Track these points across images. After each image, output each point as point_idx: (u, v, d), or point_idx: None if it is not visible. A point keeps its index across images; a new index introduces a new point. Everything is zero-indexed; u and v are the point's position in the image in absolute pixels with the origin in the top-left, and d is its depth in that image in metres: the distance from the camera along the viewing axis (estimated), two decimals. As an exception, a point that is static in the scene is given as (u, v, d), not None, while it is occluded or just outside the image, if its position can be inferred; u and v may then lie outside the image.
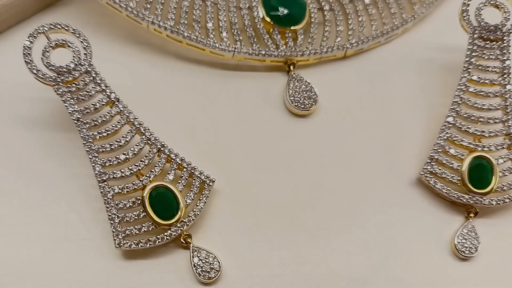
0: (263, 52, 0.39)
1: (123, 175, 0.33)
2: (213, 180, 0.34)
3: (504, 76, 0.36)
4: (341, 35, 0.40)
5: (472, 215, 0.34)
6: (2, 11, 0.39)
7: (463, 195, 0.34)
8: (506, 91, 0.36)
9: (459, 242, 0.34)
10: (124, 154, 0.33)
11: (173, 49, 0.40)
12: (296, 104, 0.38)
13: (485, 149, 0.35)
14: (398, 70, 0.40)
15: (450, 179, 0.35)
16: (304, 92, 0.38)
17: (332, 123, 0.38)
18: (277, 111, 0.39)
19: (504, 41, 0.36)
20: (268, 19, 0.39)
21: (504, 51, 0.36)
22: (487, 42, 0.36)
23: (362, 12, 0.41)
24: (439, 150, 0.35)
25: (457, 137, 0.35)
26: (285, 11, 0.39)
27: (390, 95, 0.39)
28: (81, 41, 0.34)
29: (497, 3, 0.37)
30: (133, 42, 0.40)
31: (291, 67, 0.39)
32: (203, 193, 0.33)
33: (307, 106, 0.38)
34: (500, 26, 0.36)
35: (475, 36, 0.37)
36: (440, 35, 0.42)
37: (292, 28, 0.39)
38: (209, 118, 0.38)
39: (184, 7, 0.39)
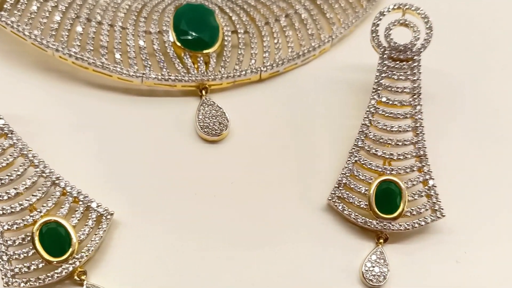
0: (173, 78, 0.37)
1: (13, 210, 0.31)
2: (112, 213, 0.32)
3: (415, 96, 0.34)
4: (255, 57, 0.38)
5: (381, 240, 0.33)
6: None
7: (371, 220, 0.32)
8: (416, 112, 0.34)
9: (367, 270, 0.32)
10: (15, 188, 0.31)
11: (83, 76, 0.38)
12: (205, 130, 0.36)
13: (394, 172, 0.33)
14: (314, 92, 0.39)
15: (358, 204, 0.33)
16: (214, 118, 0.36)
17: (244, 149, 0.36)
18: (188, 137, 0.36)
19: (415, 61, 0.35)
20: (179, 44, 0.38)
21: (414, 71, 0.35)
22: (397, 62, 0.35)
23: (279, 34, 0.39)
24: (347, 174, 0.33)
25: (366, 160, 0.34)
26: (196, 35, 0.38)
27: (305, 118, 0.37)
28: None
29: (406, 22, 0.35)
30: (43, 69, 0.38)
31: (203, 92, 0.38)
32: (99, 227, 0.31)
33: (217, 131, 0.36)
34: (410, 46, 0.35)
35: (385, 56, 0.35)
36: (358, 55, 0.40)
37: (204, 51, 0.38)
38: (117, 146, 0.36)
39: (91, 33, 0.37)
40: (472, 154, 0.36)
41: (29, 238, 0.30)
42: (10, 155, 0.32)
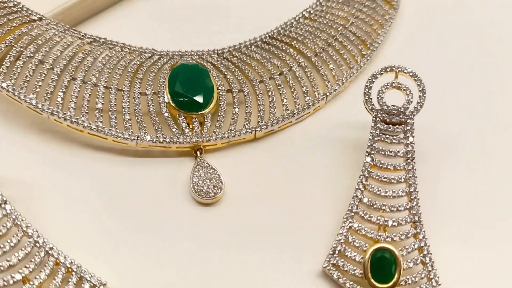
0: (168, 140, 0.36)
1: (5, 284, 0.30)
2: (104, 283, 0.31)
3: (408, 160, 0.34)
4: (250, 117, 0.38)
5: (377, 309, 0.33)
6: None
7: None
8: (410, 176, 0.34)
9: None
10: (7, 260, 0.31)
11: (79, 137, 0.37)
12: (199, 193, 0.35)
13: (388, 239, 0.32)
14: (309, 150, 0.38)
15: (353, 272, 0.32)
16: (209, 180, 0.36)
17: (238, 211, 0.35)
18: (183, 200, 0.36)
19: (408, 124, 0.34)
20: (173, 105, 0.37)
21: (407, 134, 0.34)
22: (390, 125, 0.35)
23: (273, 92, 0.39)
24: (342, 241, 0.33)
25: (360, 226, 0.33)
26: (190, 97, 0.37)
27: (300, 178, 0.37)
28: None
29: (399, 85, 0.35)
30: (39, 130, 0.38)
31: (198, 153, 0.37)
32: (91, 298, 0.31)
33: (211, 195, 0.35)
34: (402, 109, 0.35)
35: (378, 119, 0.35)
36: (352, 111, 0.39)
37: (199, 113, 0.37)
38: (112, 209, 0.35)
39: (86, 95, 0.37)
40: (468, 215, 0.36)
41: (21, 312, 0.30)
42: (3, 226, 0.31)
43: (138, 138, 0.36)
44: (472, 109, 0.40)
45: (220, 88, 0.39)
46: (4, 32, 0.38)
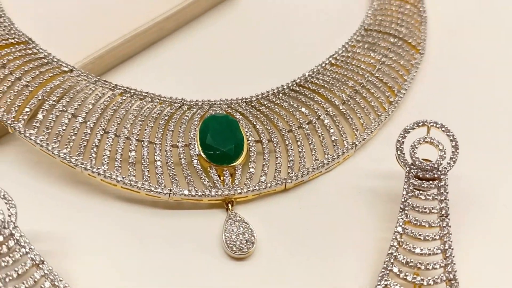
0: (200, 193, 0.36)
1: None
2: None
3: (443, 217, 0.34)
4: (280, 168, 0.38)
5: None
6: None
7: None
8: (445, 234, 0.33)
9: None
10: (46, 323, 0.31)
11: (111, 189, 0.37)
12: (232, 248, 0.35)
13: (424, 298, 0.33)
14: (339, 201, 0.37)
15: (389, 333, 0.32)
16: (241, 235, 0.35)
17: (270, 266, 0.35)
18: (214, 253, 0.35)
19: (441, 180, 0.34)
20: (204, 157, 0.37)
21: (441, 191, 0.34)
22: (424, 181, 0.35)
23: (303, 142, 0.39)
24: (378, 300, 0.33)
25: (396, 285, 0.33)
26: (222, 150, 0.37)
27: (331, 230, 0.36)
28: (6, 202, 0.32)
29: (432, 140, 0.35)
30: (71, 182, 0.38)
31: (229, 205, 0.37)
32: None
33: (244, 250, 0.35)
34: (436, 165, 0.34)
35: (411, 175, 0.35)
36: (381, 160, 0.39)
37: (230, 165, 0.37)
38: (143, 262, 0.35)
39: (119, 149, 0.37)
40: (504, 272, 0.35)
41: None
42: (41, 287, 0.31)
43: (171, 192, 0.36)
44: (504, 157, 0.40)
45: (250, 139, 0.38)
46: (36, 85, 0.38)
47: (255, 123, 0.39)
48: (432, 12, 0.48)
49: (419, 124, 0.35)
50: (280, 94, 0.41)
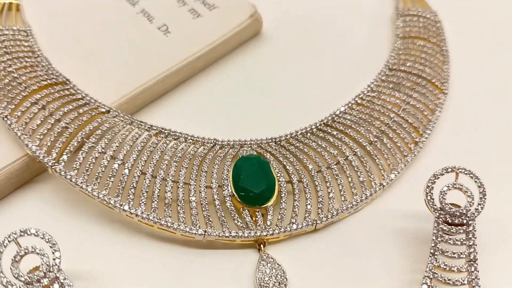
0: (233, 234, 0.37)
1: None
2: None
3: (471, 262, 0.34)
4: (310, 209, 0.38)
5: None
6: None
7: None
8: (473, 279, 0.34)
9: None
10: None
11: (146, 228, 0.38)
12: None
13: None
14: (368, 241, 0.38)
15: None
16: (274, 277, 0.36)
17: None
18: (247, 293, 0.37)
19: (470, 226, 0.35)
20: (237, 198, 0.38)
21: (469, 236, 0.34)
22: (453, 226, 0.35)
23: (331, 182, 0.40)
24: None
25: (426, 329, 0.34)
26: (254, 191, 0.38)
27: (361, 271, 0.37)
28: (51, 246, 0.33)
29: (460, 186, 0.35)
30: (108, 221, 0.39)
31: (262, 246, 0.37)
32: None
33: (277, 289, 0.37)
34: (464, 211, 0.35)
35: (440, 220, 0.35)
36: (408, 201, 0.40)
37: (262, 206, 0.38)
38: None
39: (156, 190, 0.38)
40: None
41: None
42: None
43: (206, 233, 0.37)
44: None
45: (280, 179, 0.39)
46: (75, 127, 0.40)
47: (285, 163, 0.40)
48: (455, 51, 0.49)
49: (448, 170, 0.35)
50: (308, 134, 0.42)
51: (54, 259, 0.32)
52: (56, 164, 0.38)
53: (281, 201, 0.39)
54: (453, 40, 0.50)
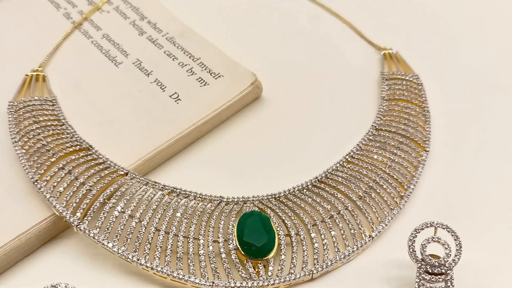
0: (238, 285, 0.40)
1: None
2: None
3: (450, 307, 0.39)
4: (307, 260, 0.42)
5: None
6: (11, 253, 0.41)
7: None
8: (452, 323, 0.38)
9: None
10: None
11: (160, 280, 0.42)
12: (267, 334, 0.40)
13: None
14: (360, 288, 0.43)
15: None
16: (275, 324, 0.40)
17: None
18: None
19: (448, 275, 0.39)
20: (242, 251, 0.42)
21: (448, 284, 0.38)
22: (433, 275, 0.39)
23: (325, 235, 0.43)
24: None
25: None
26: (257, 245, 0.42)
27: None
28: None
29: (438, 240, 0.39)
30: (125, 273, 0.42)
31: (264, 297, 0.42)
32: None
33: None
34: (443, 262, 0.39)
35: (421, 270, 0.39)
36: (394, 251, 0.43)
37: (264, 258, 0.42)
38: None
39: (169, 245, 0.42)
40: None
41: None
42: None
43: (213, 284, 0.41)
44: (505, 244, 0.44)
45: (280, 233, 0.43)
46: (98, 189, 0.44)
47: (284, 218, 0.44)
48: (436, 111, 0.54)
49: (428, 225, 0.39)
50: (305, 190, 0.46)
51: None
52: (80, 223, 0.42)
53: (281, 253, 0.42)
54: (434, 100, 0.54)
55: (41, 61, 0.54)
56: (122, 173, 0.45)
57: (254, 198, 0.45)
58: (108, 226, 0.42)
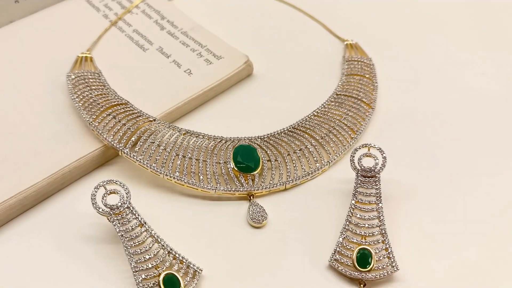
0: (233, 189, 0.59)
1: (147, 267, 0.51)
2: (201, 269, 0.52)
3: (377, 198, 0.55)
4: (282, 176, 0.60)
5: (362, 286, 0.52)
6: (74, 170, 0.60)
7: (355, 273, 0.52)
8: (378, 207, 0.55)
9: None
10: (148, 255, 0.52)
11: (178, 188, 0.60)
12: (253, 220, 0.57)
13: (367, 244, 0.53)
14: (320, 197, 0.58)
15: (347, 263, 0.52)
16: (259, 213, 0.57)
17: (276, 233, 0.56)
18: (241, 226, 0.57)
19: (376, 177, 0.56)
20: (236, 169, 0.60)
21: (376, 183, 0.56)
22: (366, 178, 0.56)
23: (296, 161, 0.62)
24: (340, 246, 0.53)
25: (350, 237, 0.54)
26: (247, 164, 0.60)
27: (315, 212, 0.58)
28: (124, 190, 0.54)
29: (370, 154, 0.57)
30: (154, 186, 0.60)
31: (251, 198, 0.59)
32: (194, 278, 0.52)
33: (260, 220, 0.57)
34: (373, 168, 0.56)
35: (359, 175, 0.56)
36: (344, 172, 0.61)
37: (252, 173, 0.60)
38: (194, 234, 0.56)
39: (186, 164, 0.60)
40: (418, 230, 0.56)
41: (157, 283, 0.50)
42: (144, 236, 0.53)
43: (216, 188, 0.58)
44: (424, 167, 0.62)
45: (263, 159, 0.61)
46: (135, 128, 0.62)
47: (266, 150, 0.62)
48: (382, 83, 0.72)
49: (363, 146, 0.56)
50: (282, 134, 0.64)
51: (127, 197, 0.53)
52: (124, 148, 0.59)
53: (264, 171, 0.60)
54: (381, 76, 0.72)
55: (88, 47, 0.72)
56: (151, 119, 0.63)
57: (245, 138, 0.63)
58: (143, 151, 0.60)
